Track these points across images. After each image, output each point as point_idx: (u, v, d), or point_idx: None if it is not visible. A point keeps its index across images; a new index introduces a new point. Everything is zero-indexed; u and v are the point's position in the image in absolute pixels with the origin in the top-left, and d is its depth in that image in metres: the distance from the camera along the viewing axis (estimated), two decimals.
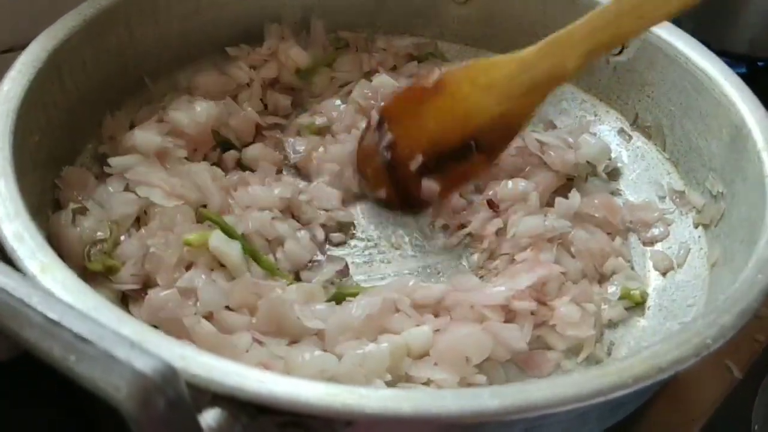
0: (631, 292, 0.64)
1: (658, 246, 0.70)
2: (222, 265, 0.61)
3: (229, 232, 0.62)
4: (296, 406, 0.39)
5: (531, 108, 0.66)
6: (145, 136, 0.68)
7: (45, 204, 0.62)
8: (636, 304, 0.65)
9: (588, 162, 0.74)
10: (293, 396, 0.39)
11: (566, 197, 0.69)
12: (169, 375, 0.33)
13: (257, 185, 0.69)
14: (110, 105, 0.73)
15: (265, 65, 0.81)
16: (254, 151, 0.75)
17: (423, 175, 0.68)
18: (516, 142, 0.69)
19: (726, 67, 0.68)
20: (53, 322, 0.34)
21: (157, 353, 0.34)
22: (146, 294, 0.57)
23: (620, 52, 0.77)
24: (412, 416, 0.39)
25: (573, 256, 0.65)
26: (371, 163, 0.71)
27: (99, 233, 0.61)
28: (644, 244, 0.70)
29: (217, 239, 0.60)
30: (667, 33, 0.73)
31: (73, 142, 0.69)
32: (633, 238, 0.71)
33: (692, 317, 0.57)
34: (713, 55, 0.69)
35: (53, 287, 0.45)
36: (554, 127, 0.81)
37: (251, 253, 0.62)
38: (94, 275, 0.59)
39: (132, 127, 0.71)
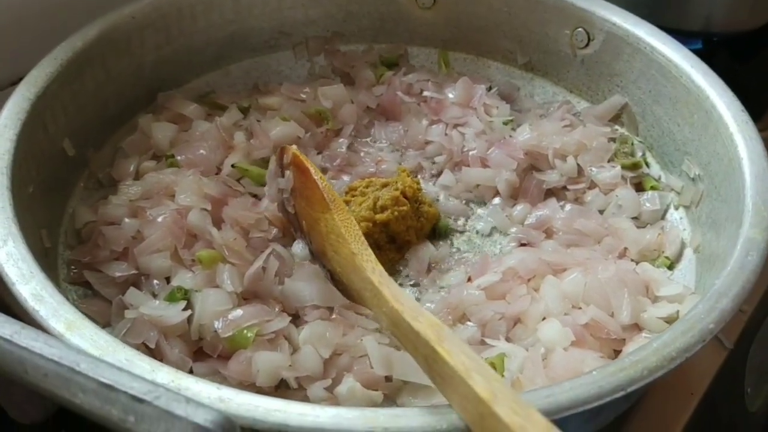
0: None
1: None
2: None
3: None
4: None
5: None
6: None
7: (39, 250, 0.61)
8: None
9: None
10: (336, 426, 0.41)
11: None
12: (228, 426, 0.35)
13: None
14: (94, 141, 0.73)
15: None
16: None
17: None
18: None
19: (691, 54, 0.70)
20: (108, 387, 0.35)
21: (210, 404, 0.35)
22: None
23: (587, 45, 0.79)
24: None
25: None
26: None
27: None
28: None
29: None
30: (630, 23, 0.75)
31: (63, 184, 0.69)
32: None
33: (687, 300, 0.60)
34: (677, 43, 0.72)
35: (82, 344, 0.46)
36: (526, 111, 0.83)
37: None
38: None
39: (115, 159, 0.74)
